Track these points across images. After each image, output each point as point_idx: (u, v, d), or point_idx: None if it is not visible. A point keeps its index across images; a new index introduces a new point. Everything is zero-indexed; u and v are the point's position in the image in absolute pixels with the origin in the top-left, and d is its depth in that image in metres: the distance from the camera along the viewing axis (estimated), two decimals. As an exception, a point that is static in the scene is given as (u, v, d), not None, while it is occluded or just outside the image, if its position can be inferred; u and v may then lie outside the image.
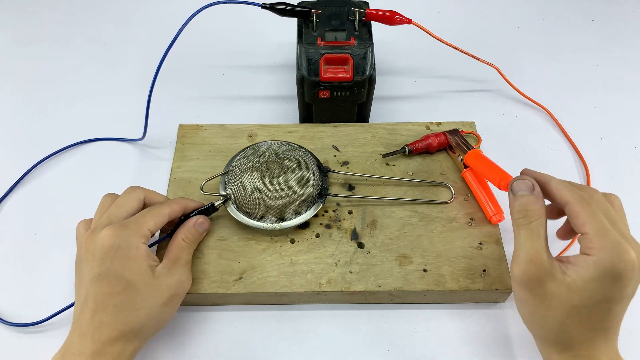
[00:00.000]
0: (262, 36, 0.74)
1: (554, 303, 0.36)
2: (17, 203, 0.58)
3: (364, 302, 0.49)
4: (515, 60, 0.71)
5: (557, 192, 0.39)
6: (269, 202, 0.48)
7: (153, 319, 0.41)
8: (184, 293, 0.44)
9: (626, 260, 0.35)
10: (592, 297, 0.36)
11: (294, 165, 0.50)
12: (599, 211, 0.38)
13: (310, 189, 0.50)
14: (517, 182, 0.40)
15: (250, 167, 0.50)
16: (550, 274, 0.37)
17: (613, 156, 0.61)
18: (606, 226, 0.37)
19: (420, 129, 0.59)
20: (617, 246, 0.35)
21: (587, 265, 0.36)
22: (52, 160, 0.61)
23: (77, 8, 0.79)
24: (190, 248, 0.46)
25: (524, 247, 0.38)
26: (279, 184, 0.48)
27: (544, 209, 0.39)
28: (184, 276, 0.44)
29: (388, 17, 0.55)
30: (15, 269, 0.53)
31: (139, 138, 0.61)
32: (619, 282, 0.35)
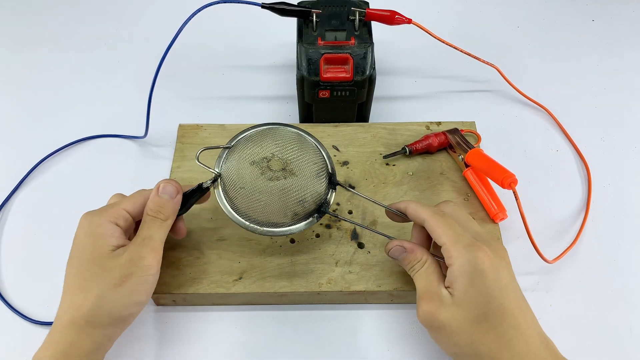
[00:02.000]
0: (262, 36, 0.74)
1: (455, 327, 0.37)
2: (24, 200, 0.58)
3: (364, 302, 0.49)
4: (515, 60, 0.71)
5: (414, 214, 0.42)
6: (257, 203, 0.43)
7: (104, 303, 0.37)
8: (143, 273, 0.39)
9: (481, 257, 0.37)
10: (477, 302, 0.37)
11: (299, 172, 0.43)
12: (453, 221, 0.40)
13: (308, 204, 0.44)
14: (391, 252, 0.43)
15: (251, 156, 0.44)
16: (440, 303, 0.38)
17: (613, 156, 0.61)
18: (457, 232, 0.39)
19: (421, 128, 0.59)
20: (469, 248, 0.38)
21: (455, 276, 0.38)
22: (57, 157, 0.61)
23: (77, 8, 0.78)
24: (155, 221, 0.41)
25: (418, 291, 0.41)
26: (274, 189, 0.42)
27: (424, 253, 0.42)
28: (142, 254, 0.39)
29: (388, 17, 0.55)
30: (24, 265, 0.53)
31: (141, 136, 0.61)
32: (487, 277, 0.37)
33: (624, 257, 0.53)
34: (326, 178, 0.46)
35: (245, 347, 0.47)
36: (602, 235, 0.54)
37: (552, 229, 0.55)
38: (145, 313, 0.49)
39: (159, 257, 0.40)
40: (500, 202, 0.52)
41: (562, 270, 0.52)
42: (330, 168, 0.47)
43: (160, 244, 0.41)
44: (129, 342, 0.47)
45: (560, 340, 0.39)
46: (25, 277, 0.52)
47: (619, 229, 0.55)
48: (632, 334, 0.48)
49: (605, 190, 0.58)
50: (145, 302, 0.40)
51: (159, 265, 0.40)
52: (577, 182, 0.59)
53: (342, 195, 0.53)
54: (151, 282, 0.40)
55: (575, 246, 0.53)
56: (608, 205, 0.57)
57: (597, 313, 0.49)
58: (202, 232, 0.50)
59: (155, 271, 0.40)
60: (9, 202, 0.57)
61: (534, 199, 0.56)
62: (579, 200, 0.57)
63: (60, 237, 0.53)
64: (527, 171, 0.58)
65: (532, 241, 0.48)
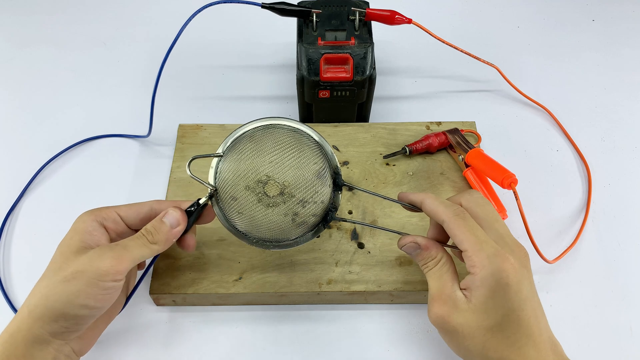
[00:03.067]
0: (262, 36, 0.74)
1: (468, 333, 0.36)
2: (31, 203, 0.57)
3: (364, 302, 0.49)
4: (515, 60, 0.71)
5: (432, 212, 0.40)
6: (258, 227, 0.41)
7: (50, 295, 0.36)
8: (94, 276, 0.36)
9: (507, 269, 0.36)
10: (495, 313, 0.36)
11: (298, 192, 0.40)
12: (475, 223, 0.38)
13: (315, 218, 0.42)
14: (405, 248, 0.42)
15: (245, 178, 0.40)
16: (454, 307, 0.37)
17: (613, 156, 0.61)
18: (481, 239, 0.37)
19: (421, 128, 0.59)
20: (494, 259, 0.36)
21: (475, 285, 0.36)
22: (61, 159, 0.61)
23: (79, 9, 0.78)
24: (142, 239, 0.39)
25: (430, 290, 0.39)
26: (274, 215, 0.40)
27: (439, 251, 0.40)
28: (103, 257, 0.36)
29: (388, 16, 0.55)
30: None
31: (144, 135, 0.61)
32: (510, 290, 0.36)
33: (624, 257, 0.53)
34: (330, 184, 0.42)
35: (245, 347, 0.47)
36: (602, 235, 0.54)
37: (552, 229, 0.55)
38: (146, 313, 0.49)
39: (122, 269, 0.37)
40: (500, 202, 0.52)
41: (562, 270, 0.52)
42: (335, 167, 0.43)
43: (132, 259, 0.38)
44: (129, 342, 0.47)
45: (560, 340, 0.39)
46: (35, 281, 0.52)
47: (619, 229, 0.55)
48: (632, 334, 0.48)
49: (605, 190, 0.58)
50: (95, 308, 0.37)
51: (119, 276, 0.37)
52: (577, 182, 0.59)
53: (342, 195, 0.53)
54: (104, 289, 0.36)
55: (575, 246, 0.53)
56: (608, 205, 0.57)
57: (597, 313, 0.49)
58: (202, 232, 0.50)
59: (110, 280, 0.36)
60: (17, 206, 0.57)
61: (534, 199, 0.56)
62: (579, 200, 0.57)
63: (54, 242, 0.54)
64: (527, 171, 0.58)
65: (532, 241, 0.48)
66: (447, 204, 0.40)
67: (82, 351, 0.40)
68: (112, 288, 0.37)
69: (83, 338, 0.39)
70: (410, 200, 0.42)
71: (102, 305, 0.37)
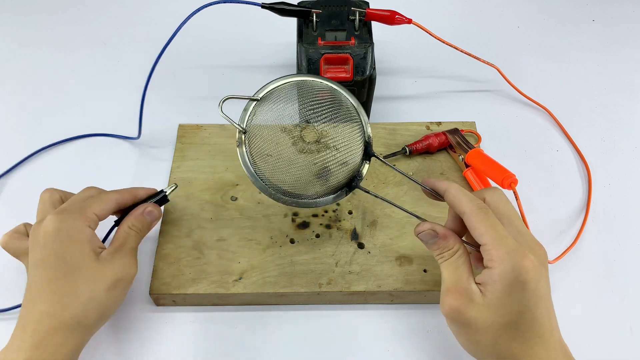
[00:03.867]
0: (262, 36, 0.74)
1: (481, 327, 0.36)
2: (12, 188, 0.58)
3: (364, 302, 0.49)
4: (515, 60, 0.71)
5: (454, 202, 0.39)
6: (284, 174, 0.40)
7: (96, 304, 0.39)
8: (129, 279, 0.43)
9: (526, 266, 0.35)
10: (511, 310, 0.36)
11: (334, 145, 0.39)
12: (495, 218, 0.38)
13: (342, 178, 0.41)
14: (422, 235, 0.41)
15: (282, 119, 0.40)
16: (469, 300, 0.36)
17: (614, 156, 0.61)
18: (501, 234, 0.37)
19: (421, 128, 0.59)
20: (513, 255, 0.35)
21: (493, 280, 0.36)
22: (49, 151, 0.61)
23: (77, 9, 0.78)
24: (137, 236, 0.44)
25: (444, 281, 0.39)
26: (306, 162, 0.39)
27: (456, 242, 0.39)
28: (129, 262, 0.42)
29: (388, 17, 0.55)
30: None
31: (134, 137, 0.61)
32: (527, 288, 0.35)
33: (624, 257, 0.53)
34: (362, 149, 0.41)
35: (245, 347, 0.47)
36: (602, 235, 0.54)
37: (552, 229, 0.55)
38: (145, 313, 0.49)
39: (137, 266, 0.44)
40: (500, 202, 0.52)
41: (562, 270, 0.52)
42: (367, 136, 0.42)
43: (135, 251, 0.45)
44: (129, 342, 0.47)
45: (560, 341, 0.39)
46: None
47: (619, 229, 0.55)
48: (632, 334, 0.48)
49: (605, 190, 0.58)
50: (122, 303, 0.44)
51: (135, 267, 0.44)
52: (578, 182, 0.59)
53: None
54: (130, 286, 0.44)
55: (575, 246, 0.53)
56: (608, 206, 0.57)
57: (597, 313, 0.49)
58: (202, 232, 0.50)
59: (134, 278, 0.44)
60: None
61: (534, 199, 0.56)
62: (579, 200, 0.57)
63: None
64: (527, 171, 0.58)
65: (532, 241, 0.48)
66: (471, 197, 0.39)
67: None
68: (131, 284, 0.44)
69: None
70: (435, 187, 0.41)
71: (122, 301, 0.44)
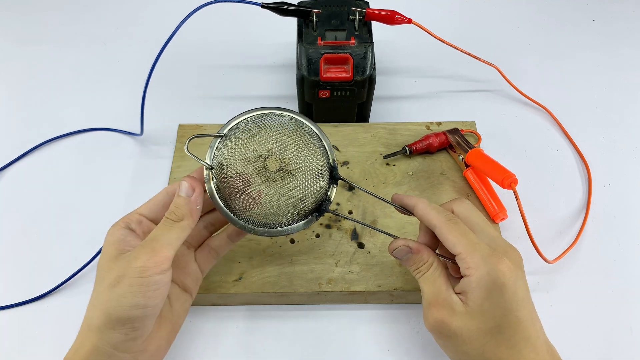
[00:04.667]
0: (262, 36, 0.74)
1: (467, 336, 0.36)
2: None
3: (364, 302, 0.49)
4: (515, 60, 0.71)
5: (424, 217, 0.40)
6: (252, 204, 0.40)
7: (98, 303, 0.36)
8: (136, 274, 0.35)
9: (502, 270, 0.36)
10: (493, 315, 0.36)
11: (298, 172, 0.40)
12: (466, 227, 0.38)
13: (308, 204, 0.41)
14: (396, 252, 0.41)
15: (245, 152, 0.40)
16: (451, 311, 0.37)
17: (614, 156, 0.61)
18: (474, 242, 0.37)
19: (421, 128, 0.59)
20: (488, 260, 0.36)
21: (471, 287, 0.36)
22: (53, 144, 0.62)
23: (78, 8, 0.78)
24: (166, 222, 0.38)
25: (425, 295, 0.39)
26: (271, 191, 0.39)
27: (430, 255, 0.40)
28: (138, 255, 0.36)
29: (388, 16, 0.55)
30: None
31: (137, 133, 0.61)
32: (506, 291, 0.35)
33: (624, 257, 0.53)
34: (327, 174, 0.42)
35: (245, 347, 0.47)
36: (602, 235, 0.54)
37: (552, 229, 0.55)
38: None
39: (160, 259, 0.36)
40: (500, 202, 0.52)
41: (563, 270, 0.52)
42: (332, 160, 0.43)
43: (167, 245, 0.37)
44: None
45: (560, 340, 0.39)
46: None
47: (619, 229, 0.55)
48: (632, 334, 0.48)
49: (605, 190, 0.58)
50: (146, 306, 0.36)
51: (159, 267, 0.36)
52: (578, 182, 0.59)
53: (342, 195, 0.53)
54: (148, 284, 0.35)
55: (575, 246, 0.53)
56: (608, 206, 0.57)
57: (597, 313, 0.49)
58: (202, 232, 0.50)
59: (153, 273, 0.35)
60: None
61: (534, 199, 0.56)
62: (579, 200, 0.57)
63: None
64: (527, 171, 0.58)
65: (532, 241, 0.48)
66: (439, 210, 0.40)
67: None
68: (158, 282, 0.36)
69: (147, 350, 0.38)
70: (404, 203, 0.42)
71: (153, 302, 0.36)
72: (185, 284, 0.42)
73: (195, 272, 0.43)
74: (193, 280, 0.42)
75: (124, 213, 0.54)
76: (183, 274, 0.42)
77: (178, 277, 0.41)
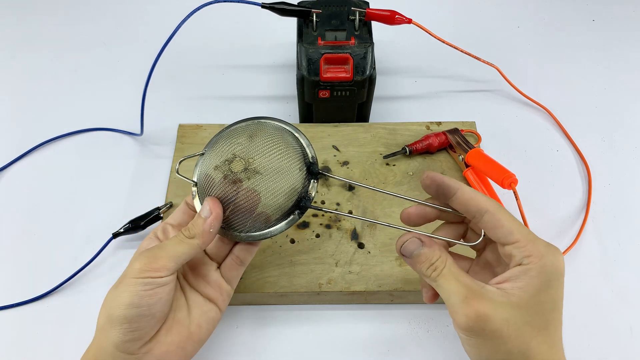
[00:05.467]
0: (262, 36, 0.74)
1: (512, 331, 0.32)
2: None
3: (364, 302, 0.49)
4: (515, 60, 0.71)
5: (471, 201, 0.36)
6: (226, 209, 0.39)
7: (106, 302, 0.37)
8: (133, 275, 0.36)
9: (561, 261, 0.34)
10: (544, 309, 0.33)
11: (264, 170, 0.39)
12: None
13: (281, 202, 0.40)
14: (405, 245, 0.37)
15: (215, 160, 0.40)
16: (494, 303, 0.33)
17: (614, 156, 0.61)
18: (530, 231, 0.35)
19: (421, 128, 0.59)
20: (549, 249, 0.34)
21: (530, 277, 0.33)
22: (54, 144, 0.62)
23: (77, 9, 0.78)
24: (178, 235, 0.39)
25: (452, 293, 0.34)
26: (237, 193, 0.39)
27: (443, 249, 0.37)
28: (139, 258, 0.37)
29: (388, 16, 0.55)
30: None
31: (137, 133, 0.61)
32: (559, 283, 0.34)
33: (624, 257, 0.53)
34: (302, 169, 0.41)
35: (245, 347, 0.47)
36: (602, 235, 0.54)
37: (552, 229, 0.55)
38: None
39: (157, 266, 0.36)
40: (500, 202, 0.52)
41: (562, 270, 0.52)
42: (310, 157, 0.42)
43: (169, 256, 0.37)
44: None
45: (560, 341, 0.39)
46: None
47: (619, 229, 0.55)
48: (632, 334, 0.48)
49: (605, 190, 0.58)
50: (140, 305, 0.35)
51: (155, 273, 0.36)
52: (578, 182, 0.59)
53: (342, 195, 0.53)
54: (143, 285, 0.36)
55: (575, 246, 0.53)
56: (608, 206, 0.57)
57: (597, 313, 0.49)
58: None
59: (147, 276, 0.36)
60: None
61: (534, 199, 0.56)
62: (579, 200, 0.57)
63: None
64: (527, 171, 0.58)
65: (532, 241, 0.48)
66: (486, 195, 0.36)
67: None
68: (152, 284, 0.36)
69: (153, 354, 0.37)
70: (444, 184, 0.37)
71: (147, 302, 0.36)
72: (207, 293, 0.41)
73: (218, 280, 0.42)
74: (216, 289, 0.41)
75: (124, 213, 0.55)
76: (203, 282, 0.41)
77: (198, 285, 0.41)
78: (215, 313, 0.41)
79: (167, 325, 0.38)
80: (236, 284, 0.43)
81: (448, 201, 0.37)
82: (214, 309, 0.41)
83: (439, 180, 0.37)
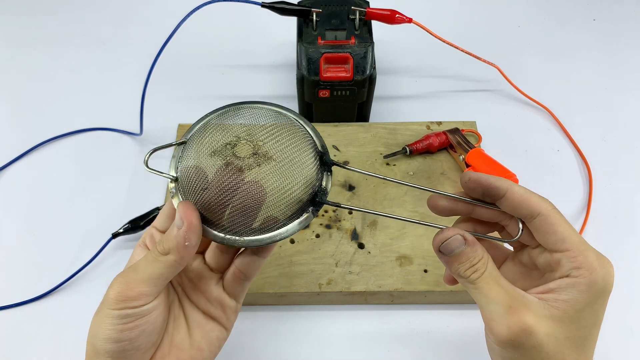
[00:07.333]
0: (262, 35, 0.74)
1: (553, 346, 0.30)
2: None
3: (364, 303, 0.49)
4: (516, 59, 0.71)
5: (523, 202, 0.32)
6: (227, 207, 0.31)
7: (91, 330, 0.32)
8: (106, 304, 0.31)
9: (612, 276, 0.31)
10: (586, 324, 0.31)
11: (277, 155, 0.32)
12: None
13: (297, 195, 0.32)
14: (447, 244, 0.32)
15: (210, 145, 0.32)
16: (538, 315, 0.30)
17: (614, 156, 0.61)
18: (583, 240, 0.31)
19: (421, 128, 0.59)
20: (601, 261, 0.31)
21: (579, 291, 0.30)
22: (53, 144, 0.62)
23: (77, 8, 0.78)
24: (150, 254, 0.32)
25: (493, 300, 0.31)
26: (246, 183, 0.31)
27: (484, 251, 0.32)
28: (113, 283, 0.31)
29: (388, 16, 0.55)
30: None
31: (137, 133, 0.61)
32: (605, 299, 0.31)
33: (624, 257, 0.53)
34: (316, 158, 0.33)
35: (245, 347, 0.47)
36: (603, 235, 0.54)
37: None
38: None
39: (133, 294, 0.31)
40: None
41: (563, 271, 0.52)
42: (320, 146, 0.34)
43: (144, 281, 0.31)
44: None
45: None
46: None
47: (619, 229, 0.55)
48: (632, 334, 0.48)
49: (606, 190, 0.58)
50: (120, 341, 0.31)
51: (132, 302, 0.31)
52: (578, 182, 0.59)
53: (342, 195, 0.53)
54: (120, 318, 0.30)
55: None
56: (609, 206, 0.57)
57: (598, 313, 0.49)
58: (202, 232, 0.50)
59: (123, 307, 0.30)
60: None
61: (535, 199, 0.56)
62: (580, 200, 0.57)
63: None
64: (527, 171, 0.58)
65: (532, 241, 0.48)
66: (540, 195, 0.32)
67: None
68: (132, 316, 0.31)
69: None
70: (490, 185, 0.32)
71: (127, 336, 0.31)
72: (208, 310, 0.36)
73: (219, 297, 0.36)
74: (217, 307, 0.36)
75: (123, 213, 0.55)
76: (202, 299, 0.36)
77: (198, 301, 0.36)
78: (220, 332, 0.36)
79: (163, 351, 0.34)
80: (242, 298, 0.37)
81: (496, 202, 0.33)
82: (217, 328, 0.36)
83: (485, 183, 0.33)
